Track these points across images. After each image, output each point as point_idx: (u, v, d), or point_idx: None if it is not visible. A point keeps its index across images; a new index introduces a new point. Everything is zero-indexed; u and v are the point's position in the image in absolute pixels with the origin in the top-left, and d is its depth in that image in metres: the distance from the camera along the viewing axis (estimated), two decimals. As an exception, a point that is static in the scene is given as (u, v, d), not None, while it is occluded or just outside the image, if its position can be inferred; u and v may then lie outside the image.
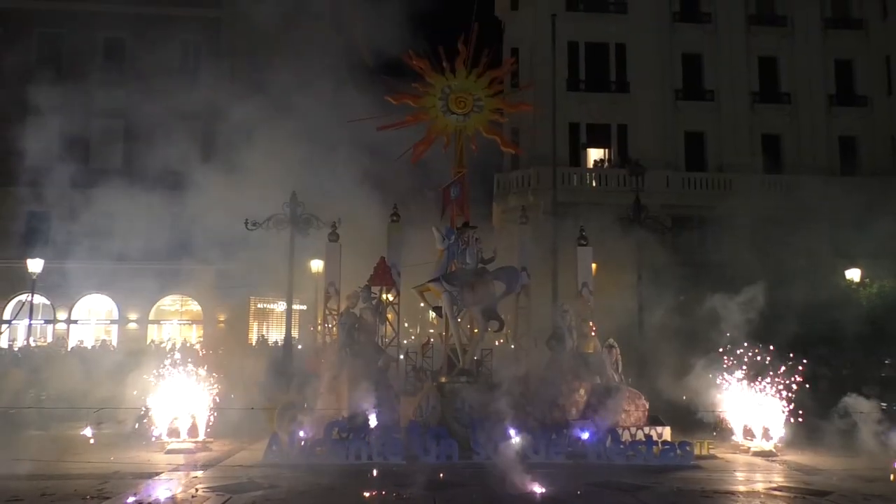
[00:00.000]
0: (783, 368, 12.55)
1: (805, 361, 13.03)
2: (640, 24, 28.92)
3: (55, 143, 26.96)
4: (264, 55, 17.00)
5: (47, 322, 27.27)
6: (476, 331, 13.56)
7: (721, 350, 12.87)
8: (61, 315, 27.18)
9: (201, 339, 22.53)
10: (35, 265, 22.68)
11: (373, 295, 13.31)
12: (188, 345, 14.28)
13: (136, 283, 25.59)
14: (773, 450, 12.27)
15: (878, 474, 10.43)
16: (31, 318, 24.25)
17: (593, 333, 13.42)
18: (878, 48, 29.39)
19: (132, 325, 27.03)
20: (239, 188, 16.15)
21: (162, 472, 10.29)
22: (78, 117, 26.80)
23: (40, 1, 27.36)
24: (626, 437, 11.82)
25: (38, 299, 25.36)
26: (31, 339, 24.71)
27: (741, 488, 9.69)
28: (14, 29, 27.34)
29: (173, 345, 18.92)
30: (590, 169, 28.50)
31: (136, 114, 26.04)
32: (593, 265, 14.67)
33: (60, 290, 25.95)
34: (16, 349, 21.31)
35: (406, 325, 21.84)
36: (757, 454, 12.20)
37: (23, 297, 25.12)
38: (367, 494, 9.10)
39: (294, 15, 18.27)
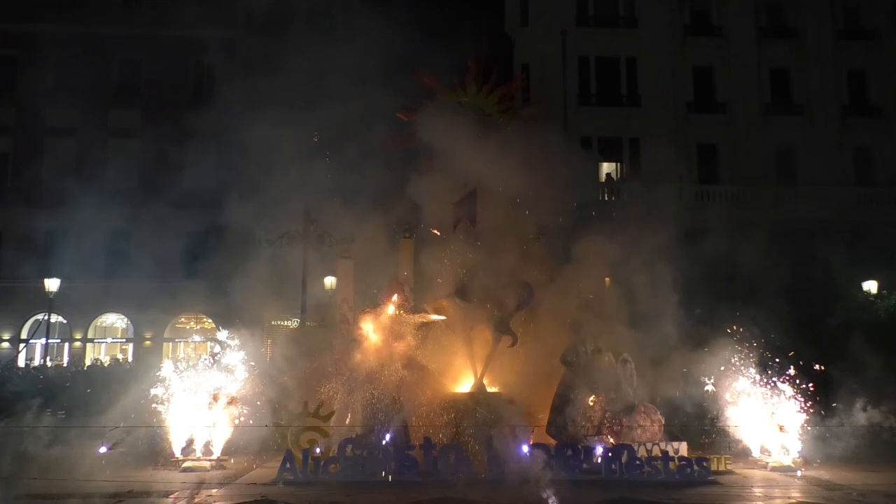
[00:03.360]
0: (801, 381, 12.42)
1: (823, 374, 12.89)
2: (651, 38, 28.98)
3: (72, 163, 27.45)
4: (278, 74, 17.19)
5: (63, 341, 27.52)
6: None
7: (738, 363, 12.75)
8: (78, 334, 27.42)
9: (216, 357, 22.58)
10: (52, 284, 22.92)
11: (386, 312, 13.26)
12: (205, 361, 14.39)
13: (152, 301, 25.81)
14: (792, 465, 12.10)
15: (898, 490, 10.27)
16: (47, 337, 24.49)
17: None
18: (890, 59, 29.23)
19: (147, 343, 27.21)
20: (253, 207, 16.29)
21: (177, 491, 10.31)
22: (94, 138, 27.27)
23: (56, 24, 27.80)
24: (641, 452, 11.69)
25: (55, 318, 25.61)
26: (48, 357, 24.93)
27: (759, 504, 9.57)
28: (32, 51, 27.83)
29: (189, 362, 18.95)
30: (602, 182, 28.48)
31: (151, 134, 26.46)
32: (606, 279, 14.60)
33: (76, 309, 26.23)
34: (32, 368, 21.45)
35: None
36: (775, 469, 12.05)
37: (40, 317, 25.38)
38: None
39: (306, 33, 18.50)
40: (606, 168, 29.00)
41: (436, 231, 13.82)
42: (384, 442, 11.90)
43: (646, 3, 29.39)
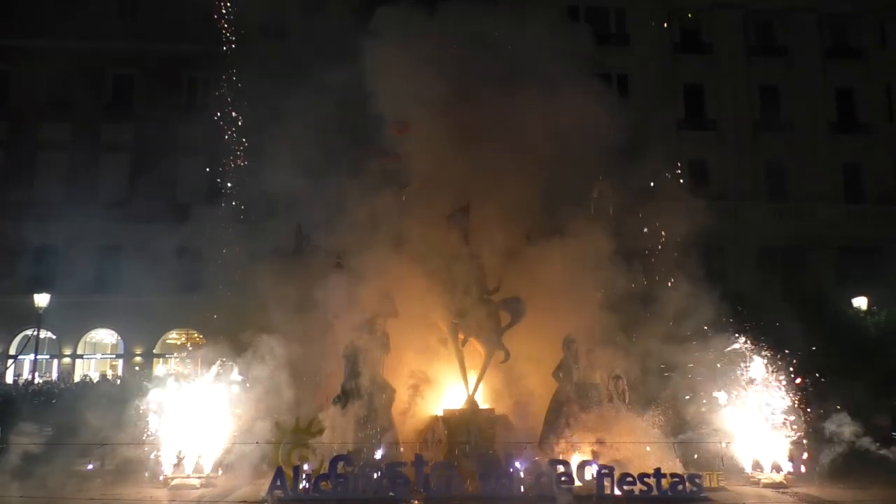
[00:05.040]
0: (793, 397, 12.45)
1: (814, 390, 12.92)
2: (642, 56, 29.24)
3: (64, 177, 27.38)
4: (270, 92, 17.24)
5: (53, 357, 27.30)
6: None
7: (729, 379, 12.77)
8: (67, 350, 27.21)
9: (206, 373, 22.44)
10: (42, 299, 22.77)
11: (377, 327, 13.25)
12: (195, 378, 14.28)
13: (142, 317, 25.67)
14: (784, 481, 12.09)
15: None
16: (36, 353, 24.28)
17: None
18: (877, 76, 29.60)
19: (137, 359, 27.01)
20: (245, 221, 16.26)
21: (165, 509, 10.20)
22: (87, 152, 27.20)
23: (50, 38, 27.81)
24: (633, 468, 11.63)
25: (44, 334, 25.41)
26: (37, 373, 24.70)
27: (752, 521, 9.54)
28: (25, 65, 27.84)
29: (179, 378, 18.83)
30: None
31: (144, 149, 26.43)
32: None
33: (66, 324, 26.04)
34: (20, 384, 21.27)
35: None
36: (767, 486, 12.03)
37: (29, 332, 25.17)
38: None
39: (299, 47, 18.54)
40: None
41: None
42: (376, 459, 11.84)
43: (637, 20, 29.70)
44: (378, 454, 12.03)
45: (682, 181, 25.76)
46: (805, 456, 12.36)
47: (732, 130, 29.06)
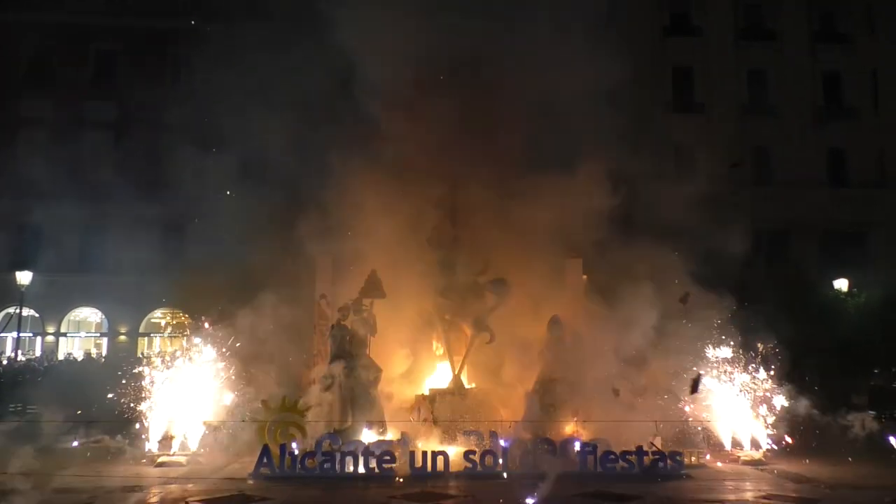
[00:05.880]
0: (772, 377, 12.64)
1: (794, 371, 13.12)
2: (630, 38, 29.13)
3: (46, 154, 26.98)
4: (254, 68, 17.04)
5: (36, 335, 27.12)
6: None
7: (710, 359, 12.94)
8: (50, 328, 27.03)
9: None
10: (24, 277, 22.57)
11: (364, 307, 13.29)
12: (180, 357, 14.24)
13: (126, 295, 25.50)
14: (763, 458, 12.32)
15: (865, 482, 10.49)
16: (18, 331, 24.10)
17: None
18: (865, 62, 29.72)
19: (122, 338, 26.89)
20: (229, 199, 16.15)
21: (152, 486, 10.22)
22: (69, 129, 26.81)
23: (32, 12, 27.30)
24: (616, 446, 11.78)
25: (27, 312, 25.22)
26: (20, 351, 24.55)
27: (731, 497, 9.74)
28: (6, 41, 27.33)
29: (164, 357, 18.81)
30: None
31: (126, 126, 26.12)
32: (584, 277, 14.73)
33: (49, 302, 25.84)
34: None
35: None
36: (746, 463, 12.24)
37: (11, 310, 24.97)
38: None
39: (284, 29, 18.32)
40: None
41: None
42: (363, 437, 11.92)
43: (625, 3, 29.56)
44: (364, 433, 12.11)
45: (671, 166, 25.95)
46: (784, 434, 12.58)
47: (720, 113, 29.08)
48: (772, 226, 26.87)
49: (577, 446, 11.60)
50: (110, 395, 12.77)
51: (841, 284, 23.29)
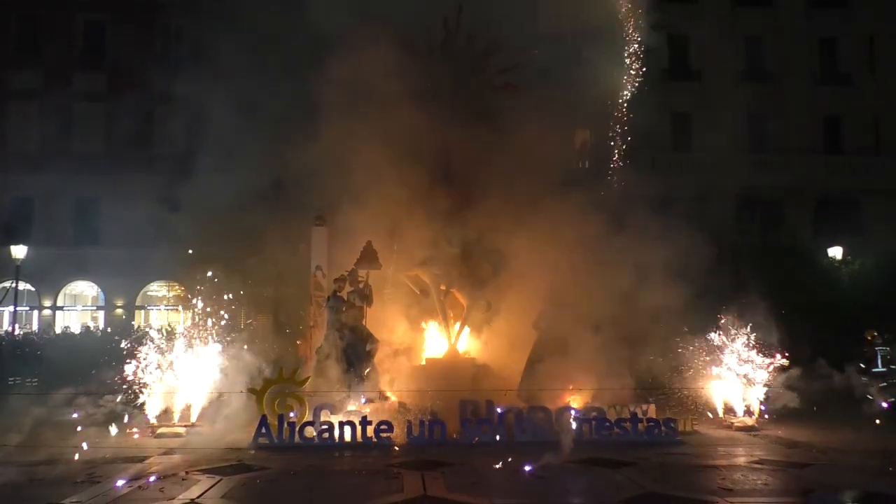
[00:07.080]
0: (765, 343, 12.76)
1: (787, 337, 13.23)
2: (625, 6, 28.75)
3: (37, 127, 26.73)
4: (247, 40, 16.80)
5: (32, 308, 27.15)
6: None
7: (706, 327, 13.04)
8: (47, 301, 27.05)
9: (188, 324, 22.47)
10: (19, 251, 22.50)
11: (360, 278, 13.32)
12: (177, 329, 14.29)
13: (122, 268, 25.47)
14: (755, 424, 12.49)
15: (856, 447, 10.67)
16: (15, 305, 24.10)
17: None
18: (861, 27, 29.44)
19: (119, 311, 26.94)
20: (223, 170, 16.04)
21: (152, 456, 10.33)
22: (60, 102, 26.49)
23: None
24: (611, 414, 11.96)
25: (23, 286, 25.18)
26: (17, 325, 24.58)
27: (724, 462, 9.88)
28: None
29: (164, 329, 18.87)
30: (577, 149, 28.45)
31: (119, 98, 25.80)
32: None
33: (45, 276, 25.82)
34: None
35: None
36: (740, 429, 12.42)
37: (7, 284, 24.93)
38: (356, 474, 9.21)
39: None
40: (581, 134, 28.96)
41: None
42: (360, 407, 12.04)
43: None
44: (361, 403, 12.22)
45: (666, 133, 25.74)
46: (776, 400, 12.74)
47: (717, 81, 28.86)
48: (767, 193, 26.89)
49: (573, 414, 11.74)
50: (113, 365, 12.82)
51: (835, 252, 23.35)
